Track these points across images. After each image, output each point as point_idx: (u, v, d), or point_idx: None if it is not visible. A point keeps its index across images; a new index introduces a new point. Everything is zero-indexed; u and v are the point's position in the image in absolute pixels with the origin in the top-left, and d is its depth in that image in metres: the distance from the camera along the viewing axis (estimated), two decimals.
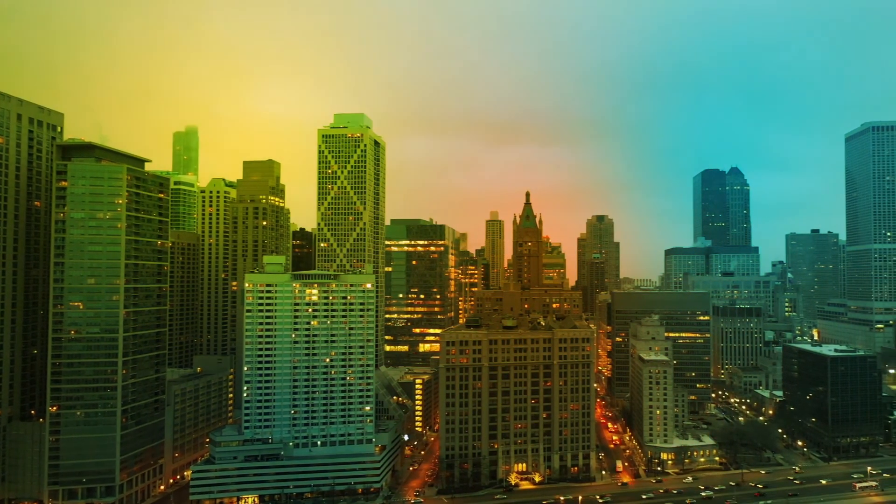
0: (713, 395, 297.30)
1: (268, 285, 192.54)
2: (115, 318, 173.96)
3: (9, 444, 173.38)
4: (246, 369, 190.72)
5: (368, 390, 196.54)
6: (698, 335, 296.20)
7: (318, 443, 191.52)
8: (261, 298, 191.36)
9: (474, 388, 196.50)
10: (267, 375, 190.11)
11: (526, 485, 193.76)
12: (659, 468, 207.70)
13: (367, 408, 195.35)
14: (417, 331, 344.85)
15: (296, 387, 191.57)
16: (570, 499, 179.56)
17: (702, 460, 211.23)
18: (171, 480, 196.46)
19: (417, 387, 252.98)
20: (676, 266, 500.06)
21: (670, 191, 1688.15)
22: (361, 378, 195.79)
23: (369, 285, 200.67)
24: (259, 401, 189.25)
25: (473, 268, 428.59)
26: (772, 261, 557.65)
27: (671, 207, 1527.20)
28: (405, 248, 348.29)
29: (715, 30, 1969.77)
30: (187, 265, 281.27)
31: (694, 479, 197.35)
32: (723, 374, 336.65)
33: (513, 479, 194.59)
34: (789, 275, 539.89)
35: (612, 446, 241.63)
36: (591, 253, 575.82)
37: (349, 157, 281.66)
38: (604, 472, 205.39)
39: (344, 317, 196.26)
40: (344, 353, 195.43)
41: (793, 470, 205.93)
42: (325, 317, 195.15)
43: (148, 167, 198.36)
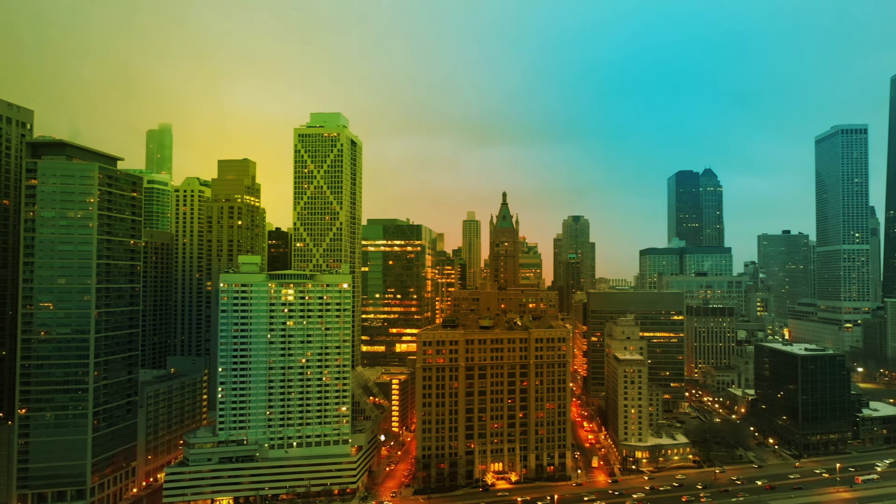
0: (687, 394, 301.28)
1: (243, 285, 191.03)
2: (87, 319, 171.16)
3: None
4: (221, 370, 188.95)
5: (345, 391, 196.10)
6: (672, 335, 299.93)
7: (294, 444, 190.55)
8: (236, 299, 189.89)
9: (451, 388, 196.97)
10: (242, 376, 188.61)
11: (502, 484, 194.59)
12: (634, 466, 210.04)
13: (344, 408, 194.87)
14: (394, 331, 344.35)
15: (271, 388, 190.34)
16: (544, 497, 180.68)
17: (676, 458, 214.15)
18: (144, 483, 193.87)
19: (394, 387, 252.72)
20: (651, 266, 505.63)
21: (645, 192, 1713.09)
22: (338, 378, 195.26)
23: (345, 285, 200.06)
24: (234, 402, 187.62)
25: (450, 268, 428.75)
26: (744, 261, 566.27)
27: (646, 208, 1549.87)
28: (382, 248, 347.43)
29: (690, 34, 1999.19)
30: (161, 265, 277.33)
31: (668, 476, 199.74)
32: (696, 373, 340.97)
33: (489, 479, 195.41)
34: (761, 275, 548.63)
35: (588, 445, 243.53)
36: (567, 253, 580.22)
37: (325, 156, 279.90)
38: (579, 471, 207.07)
39: (320, 317, 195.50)
40: (320, 354, 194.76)
41: (758, 469, 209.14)
42: (301, 317, 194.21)
43: (121, 165, 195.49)
